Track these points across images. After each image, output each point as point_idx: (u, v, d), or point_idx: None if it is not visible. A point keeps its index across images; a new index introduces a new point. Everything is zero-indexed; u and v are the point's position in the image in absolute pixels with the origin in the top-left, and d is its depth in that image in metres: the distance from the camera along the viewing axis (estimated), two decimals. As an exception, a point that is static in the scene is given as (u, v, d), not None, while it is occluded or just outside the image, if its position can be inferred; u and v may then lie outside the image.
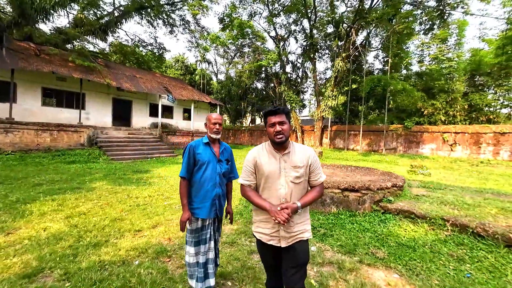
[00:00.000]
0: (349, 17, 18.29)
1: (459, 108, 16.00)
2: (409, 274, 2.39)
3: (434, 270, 2.45)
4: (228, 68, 31.35)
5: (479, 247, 2.79)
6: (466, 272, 2.42)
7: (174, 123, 17.21)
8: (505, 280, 2.28)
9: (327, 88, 18.99)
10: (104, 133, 12.52)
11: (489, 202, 3.98)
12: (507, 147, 13.67)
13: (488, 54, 15.60)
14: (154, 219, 3.72)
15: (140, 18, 19.22)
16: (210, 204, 1.90)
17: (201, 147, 1.93)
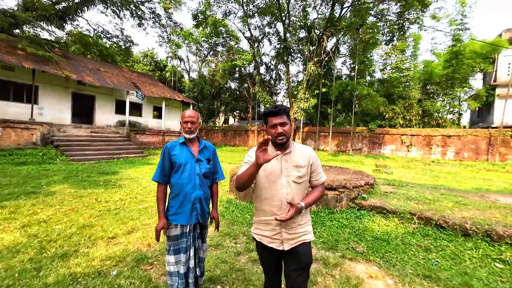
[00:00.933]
0: (320, 24, 19.18)
1: (414, 113, 17.82)
2: (386, 266, 2.58)
3: (407, 260, 2.69)
4: (201, 66, 30.62)
5: (442, 237, 3.14)
6: (434, 260, 2.70)
7: (143, 122, 16.23)
8: (465, 265, 2.59)
9: (300, 90, 19.65)
10: (62, 131, 11.27)
11: (445, 197, 4.50)
12: (452, 148, 15.61)
13: (438, 66, 17.64)
14: (129, 224, 3.45)
15: (105, 7, 17.74)
16: (190, 209, 1.74)
17: (177, 148, 1.79)
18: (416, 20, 14.94)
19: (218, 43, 28.35)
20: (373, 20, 17.03)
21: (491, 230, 2.94)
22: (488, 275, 2.42)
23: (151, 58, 31.77)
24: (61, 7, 14.97)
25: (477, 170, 12.18)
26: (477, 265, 2.59)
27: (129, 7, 18.43)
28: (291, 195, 1.44)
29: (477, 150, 14.89)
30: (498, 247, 2.80)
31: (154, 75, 28.11)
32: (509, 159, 14.07)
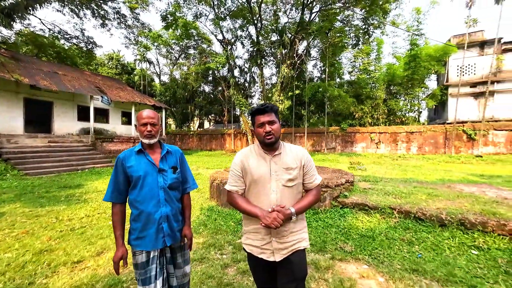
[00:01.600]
0: (291, 28, 19.68)
1: (381, 112, 19.04)
2: (375, 263, 2.59)
3: (394, 256, 2.72)
4: (172, 69, 29.55)
5: (421, 229, 3.26)
6: (417, 253, 2.78)
7: (111, 128, 15.08)
8: (445, 255, 2.70)
9: (274, 93, 19.91)
10: (13, 141, 9.96)
11: (418, 190, 4.75)
12: (415, 143, 16.93)
13: (399, 68, 19.09)
14: (98, 244, 3.06)
15: (61, 5, 16.25)
16: (155, 231, 1.42)
17: (133, 158, 1.46)
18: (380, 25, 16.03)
19: (189, 45, 27.65)
20: (340, 25, 17.92)
21: (464, 219, 3.12)
22: (467, 262, 2.54)
23: (117, 61, 29.92)
24: (8, 3, 13.36)
25: (437, 163, 13.32)
26: (456, 254, 2.71)
27: (90, 6, 17.12)
28: (281, 201, 1.33)
29: (436, 144, 16.35)
30: (472, 234, 2.98)
31: (121, 79, 26.47)
32: (463, 151, 15.66)
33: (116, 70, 29.58)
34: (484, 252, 2.69)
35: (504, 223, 2.89)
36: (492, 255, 2.62)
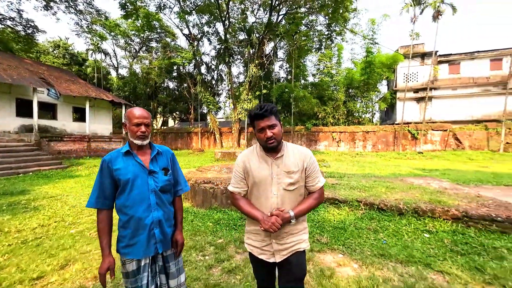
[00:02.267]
0: (258, 28, 19.93)
1: (341, 113, 20.54)
2: (349, 252, 2.83)
3: (363, 244, 3.02)
4: (132, 62, 27.38)
5: (384, 218, 3.67)
6: (382, 239, 3.12)
7: (60, 126, 13.36)
8: (405, 240, 3.09)
9: (242, 92, 19.95)
10: None
11: (377, 184, 5.30)
12: (370, 142, 18.71)
13: (356, 73, 20.81)
14: (60, 255, 2.73)
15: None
16: (147, 237, 1.33)
17: (120, 160, 1.36)
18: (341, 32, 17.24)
19: (151, 38, 25.99)
20: (305, 29, 18.77)
21: (417, 208, 3.61)
22: (422, 245, 2.95)
23: (65, 50, 26.58)
24: None
25: (388, 159, 14.96)
26: (413, 238, 3.12)
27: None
28: (281, 204, 1.33)
29: (387, 143, 18.32)
30: (423, 220, 3.46)
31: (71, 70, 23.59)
32: (408, 149, 17.86)
33: (63, 60, 26.23)
34: (434, 234, 3.15)
35: (448, 210, 3.43)
36: (440, 237, 3.09)
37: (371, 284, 2.17)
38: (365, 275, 2.34)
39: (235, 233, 3.43)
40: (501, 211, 3.28)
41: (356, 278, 2.29)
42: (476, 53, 19.16)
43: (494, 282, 2.19)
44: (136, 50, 27.62)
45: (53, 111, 13.54)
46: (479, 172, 9.35)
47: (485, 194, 4.64)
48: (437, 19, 17.71)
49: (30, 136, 11.03)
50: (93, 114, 14.76)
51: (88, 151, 13.31)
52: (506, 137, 15.82)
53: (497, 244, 2.82)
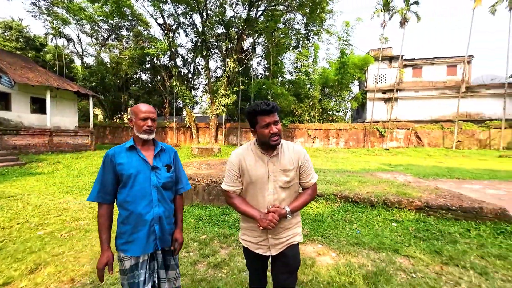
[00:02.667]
0: (237, 23, 19.68)
1: (316, 110, 21.28)
2: (327, 242, 3.03)
3: (340, 234, 3.24)
4: (99, 51, 25.38)
5: (357, 210, 3.95)
6: (356, 229, 3.38)
7: (15, 118, 11.99)
8: (376, 229, 3.38)
9: (220, 87, 19.66)
10: None
11: (351, 178, 5.67)
12: (342, 139, 19.71)
13: (331, 73, 21.65)
14: (28, 259, 2.52)
15: None
16: (147, 233, 1.33)
17: (124, 155, 1.36)
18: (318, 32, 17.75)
19: (122, 26, 24.31)
20: (284, 27, 18.99)
21: (386, 200, 3.95)
22: (390, 233, 3.26)
23: (19, 32, 23.68)
24: None
25: (359, 155, 15.93)
26: (383, 227, 3.43)
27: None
28: (278, 201, 1.36)
29: (358, 140, 19.47)
30: (391, 211, 3.80)
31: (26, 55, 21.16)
32: (376, 145, 19.17)
33: (16, 44, 23.35)
34: (401, 223, 3.49)
35: (412, 201, 3.81)
36: (405, 225, 3.43)
37: (348, 270, 2.36)
38: (343, 262, 2.54)
39: (218, 228, 3.45)
40: (455, 201, 3.73)
41: (335, 265, 2.47)
42: (435, 59, 21.08)
43: (449, 262, 2.51)
44: (104, 37, 25.62)
45: (6, 101, 12.07)
46: (436, 167, 10.42)
47: (442, 186, 5.22)
48: (404, 25, 19.08)
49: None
50: (55, 105, 13.48)
51: (50, 146, 12.17)
52: (458, 135, 17.75)
53: (451, 230, 3.22)
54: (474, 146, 17.66)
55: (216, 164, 6.80)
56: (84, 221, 3.69)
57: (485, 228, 3.22)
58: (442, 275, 2.30)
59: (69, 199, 4.82)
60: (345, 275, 2.28)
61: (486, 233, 3.14)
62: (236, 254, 2.72)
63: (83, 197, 4.99)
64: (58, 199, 4.78)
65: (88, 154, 12.21)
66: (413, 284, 2.16)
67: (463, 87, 19.07)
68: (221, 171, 5.62)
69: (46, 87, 12.13)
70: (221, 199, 4.43)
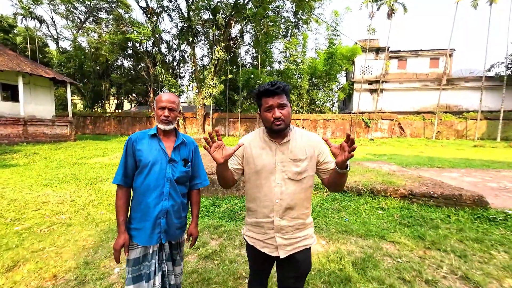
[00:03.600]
0: (224, 8, 18.99)
1: (304, 101, 21.39)
2: (317, 230, 3.08)
3: (329, 222, 3.31)
4: (76, 34, 23.72)
5: (345, 199, 4.05)
6: (345, 217, 3.46)
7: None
8: (363, 217, 3.48)
9: (207, 75, 19.15)
10: None
11: (339, 168, 5.77)
12: (330, 129, 20.03)
13: (319, 63, 21.69)
14: (5, 257, 2.36)
15: None
16: (152, 225, 1.31)
17: (145, 141, 1.35)
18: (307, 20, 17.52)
19: (100, 7, 22.79)
20: (273, 14, 18.57)
21: (373, 188, 4.06)
22: (377, 220, 3.36)
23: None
24: None
25: (345, 145, 16.28)
26: (369, 215, 3.54)
27: None
28: (286, 195, 1.19)
29: (344, 130, 19.87)
30: (378, 199, 3.92)
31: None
32: (362, 136, 19.68)
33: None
34: (386, 211, 3.62)
35: (397, 189, 3.94)
36: (390, 212, 3.56)
37: (338, 257, 2.41)
38: (332, 250, 2.59)
39: (208, 219, 3.41)
40: (436, 188, 3.90)
41: (325, 253, 2.52)
42: (419, 51, 21.59)
43: (432, 247, 2.64)
44: (81, 20, 23.95)
45: (-27, 87, 11.12)
46: (417, 156, 10.88)
47: (424, 175, 5.45)
48: (391, 16, 19.26)
49: None
50: (29, 93, 12.57)
51: (25, 137, 11.44)
52: (437, 126, 18.57)
53: (433, 216, 3.38)
54: (452, 137, 18.58)
55: (204, 155, 6.68)
56: (66, 214, 3.52)
57: (464, 214, 3.40)
58: (425, 259, 2.41)
59: (48, 192, 4.57)
60: (335, 262, 2.33)
61: (465, 218, 3.32)
62: (227, 245, 2.70)
63: (64, 190, 4.75)
64: (36, 192, 4.51)
65: (67, 145, 11.61)
66: (399, 268, 2.25)
67: (444, 80, 19.78)
68: (210, 161, 5.53)
69: (17, 72, 11.24)
70: (210, 190, 4.38)
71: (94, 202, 4.08)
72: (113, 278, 2.12)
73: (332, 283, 2.04)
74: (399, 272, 2.20)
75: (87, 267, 2.25)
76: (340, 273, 2.17)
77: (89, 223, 3.26)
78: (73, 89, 23.37)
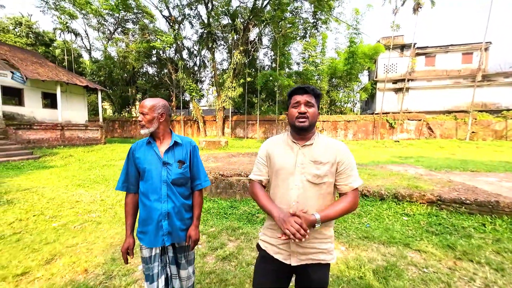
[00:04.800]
0: (243, 13, 19.28)
1: (324, 102, 20.92)
2: (336, 235, 3.00)
3: (349, 228, 3.20)
4: (106, 45, 25.50)
5: (367, 203, 3.89)
6: (366, 223, 3.33)
7: (28, 113, 12.30)
8: (386, 223, 3.32)
9: (226, 79, 19.52)
10: None
11: (360, 171, 5.56)
12: (351, 130, 19.38)
13: (340, 63, 21.12)
14: (44, 250, 2.61)
15: None
16: (155, 228, 1.35)
17: (142, 150, 1.42)
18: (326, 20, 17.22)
19: (127, 19, 24.27)
20: (291, 16, 18.50)
21: (397, 193, 3.86)
22: (401, 227, 3.19)
23: (29, 28, 24.06)
24: None
25: (368, 147, 15.65)
26: (393, 221, 3.37)
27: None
28: (303, 198, 1.14)
29: (367, 132, 19.11)
30: (402, 205, 3.72)
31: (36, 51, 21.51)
32: (386, 137, 18.77)
33: (27, 40, 23.79)
34: (412, 217, 3.42)
35: (424, 194, 3.71)
36: (416, 219, 3.35)
37: (358, 265, 2.33)
38: (352, 256, 2.51)
39: (226, 221, 3.47)
40: (469, 194, 3.61)
41: (344, 259, 2.45)
42: (450, 46, 20.16)
43: (463, 257, 2.44)
44: (111, 31, 25.69)
45: (20, 96, 12.38)
46: (448, 159, 10.12)
47: (455, 179, 5.06)
48: (417, 11, 18.24)
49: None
50: (66, 100, 13.74)
51: (62, 140, 12.49)
52: (472, 126, 17.14)
53: (465, 224, 3.13)
54: (489, 138, 17.04)
55: (223, 157, 6.81)
56: (96, 213, 3.79)
57: (501, 223, 3.11)
58: (455, 271, 2.24)
59: (81, 192, 4.95)
60: (355, 269, 2.25)
61: (503, 227, 3.03)
62: (244, 247, 2.73)
63: (95, 190, 5.11)
64: (70, 192, 4.91)
65: (98, 148, 12.47)
66: (425, 279, 2.11)
67: (479, 76, 18.25)
68: (228, 164, 5.63)
69: (56, 82, 12.34)
70: (229, 192, 4.45)
71: (121, 202, 4.34)
72: (137, 275, 2.24)
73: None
74: (425, 283, 2.07)
75: (113, 263, 2.40)
76: (360, 281, 2.09)
77: (116, 221, 3.48)
78: (103, 95, 25.07)
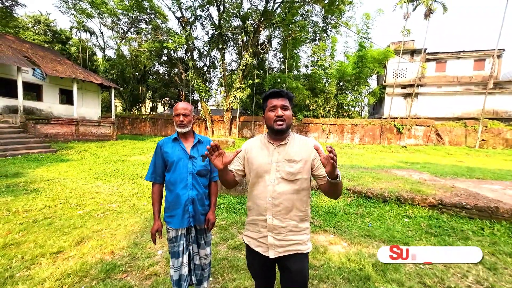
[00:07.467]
0: (253, 15, 19.56)
1: (332, 105, 20.97)
2: (339, 233, 3.19)
3: (352, 226, 3.39)
4: (119, 43, 26.20)
5: (370, 205, 4.06)
6: (368, 223, 3.51)
7: (46, 108, 12.88)
8: (388, 223, 3.49)
9: (235, 80, 19.81)
10: None
11: (365, 174, 5.72)
12: (358, 134, 19.38)
13: (348, 67, 21.12)
14: (74, 233, 2.90)
15: None
16: (182, 211, 1.62)
17: (169, 145, 1.68)
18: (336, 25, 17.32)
19: (141, 19, 24.89)
20: (301, 19, 18.67)
21: (399, 196, 4.02)
22: (402, 227, 3.36)
23: (47, 26, 24.95)
24: None
25: (374, 152, 15.66)
26: (394, 222, 3.53)
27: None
28: (278, 194, 1.23)
29: (374, 136, 19.07)
30: (404, 207, 3.88)
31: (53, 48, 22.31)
32: (393, 142, 18.69)
33: (45, 37, 24.65)
34: (413, 219, 3.58)
35: (426, 198, 3.86)
36: (417, 221, 3.51)
37: (358, 258, 2.52)
38: (353, 251, 2.70)
39: (236, 216, 3.71)
40: (470, 200, 3.74)
41: (346, 254, 2.65)
42: (461, 52, 19.94)
43: (459, 257, 2.60)
44: (124, 30, 26.38)
45: (39, 92, 12.97)
46: (455, 166, 10.11)
47: (459, 185, 5.16)
48: (429, 17, 18.14)
49: (15, 118, 10.62)
50: (81, 97, 14.29)
51: (77, 135, 13.00)
52: (482, 134, 16.92)
53: (464, 228, 3.27)
54: (499, 146, 16.78)
55: (232, 156, 7.07)
56: (115, 203, 4.08)
57: (500, 227, 3.24)
58: (450, 268, 2.41)
59: (99, 184, 5.27)
60: (355, 262, 2.45)
61: (501, 232, 3.16)
62: (253, 239, 2.95)
63: (111, 183, 5.43)
64: (89, 184, 5.24)
65: (110, 144, 12.92)
66: (421, 274, 2.29)
67: (490, 83, 17.99)
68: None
69: (73, 79, 12.87)
70: (238, 189, 4.69)
71: (137, 195, 4.63)
72: (157, 257, 2.49)
73: (351, 280, 2.17)
74: (421, 277, 2.25)
75: (136, 247, 2.67)
76: (360, 272, 2.29)
77: (135, 212, 3.76)
78: (115, 93, 25.76)
